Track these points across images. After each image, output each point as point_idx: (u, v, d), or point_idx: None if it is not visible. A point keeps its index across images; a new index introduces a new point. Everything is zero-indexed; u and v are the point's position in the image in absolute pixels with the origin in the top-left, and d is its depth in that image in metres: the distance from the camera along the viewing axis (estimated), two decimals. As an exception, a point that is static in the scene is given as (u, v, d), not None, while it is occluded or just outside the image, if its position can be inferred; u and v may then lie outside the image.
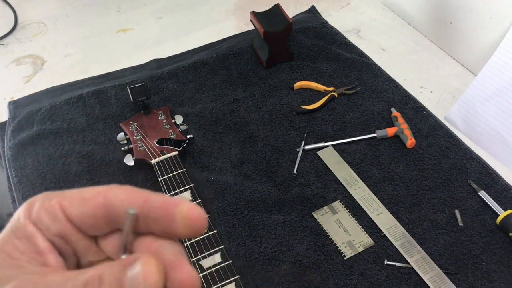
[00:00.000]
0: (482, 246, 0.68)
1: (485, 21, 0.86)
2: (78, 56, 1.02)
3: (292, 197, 0.74)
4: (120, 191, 0.25)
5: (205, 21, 1.10)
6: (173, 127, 0.79)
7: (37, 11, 1.14)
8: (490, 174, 0.75)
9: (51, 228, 0.25)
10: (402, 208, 0.72)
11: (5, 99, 0.93)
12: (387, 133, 0.80)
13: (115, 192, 0.25)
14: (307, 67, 0.94)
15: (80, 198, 0.25)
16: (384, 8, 1.11)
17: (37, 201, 0.25)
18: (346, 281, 0.64)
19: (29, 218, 0.25)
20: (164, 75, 0.93)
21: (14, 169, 0.79)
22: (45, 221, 0.25)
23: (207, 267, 0.61)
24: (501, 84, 0.80)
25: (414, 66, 0.97)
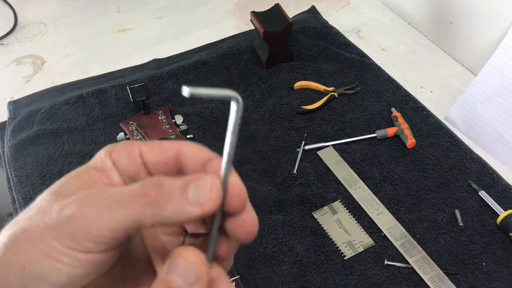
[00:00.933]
0: (482, 246, 0.67)
1: (485, 21, 0.86)
2: (78, 56, 1.02)
3: (292, 197, 0.74)
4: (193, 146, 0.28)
5: (205, 21, 1.10)
6: (173, 127, 0.79)
7: (37, 11, 1.14)
8: (490, 174, 0.75)
9: (127, 169, 0.28)
10: (402, 208, 0.72)
11: (5, 99, 0.92)
12: (387, 133, 0.80)
13: (188, 146, 0.28)
14: (307, 67, 0.94)
15: (159, 147, 0.28)
16: (384, 8, 1.11)
17: (120, 145, 0.28)
18: (346, 281, 0.64)
19: (110, 156, 0.28)
20: (164, 75, 0.93)
21: (14, 169, 0.79)
22: (124, 162, 0.28)
23: (207, 267, 0.61)
24: (501, 84, 0.80)
25: (414, 66, 0.97)
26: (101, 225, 0.24)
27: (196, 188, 0.25)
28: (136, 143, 0.28)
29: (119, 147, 0.28)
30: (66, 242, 0.24)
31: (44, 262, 0.24)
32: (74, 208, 0.24)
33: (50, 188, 0.26)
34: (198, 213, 0.24)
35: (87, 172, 0.27)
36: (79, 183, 0.26)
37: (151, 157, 0.28)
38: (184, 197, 0.24)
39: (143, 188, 0.25)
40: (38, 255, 0.24)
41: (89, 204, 0.24)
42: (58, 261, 0.24)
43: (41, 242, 0.24)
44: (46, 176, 0.77)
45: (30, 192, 0.75)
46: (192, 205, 0.24)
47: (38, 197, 0.26)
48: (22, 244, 0.24)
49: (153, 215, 0.24)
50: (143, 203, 0.24)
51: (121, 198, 0.24)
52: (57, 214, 0.24)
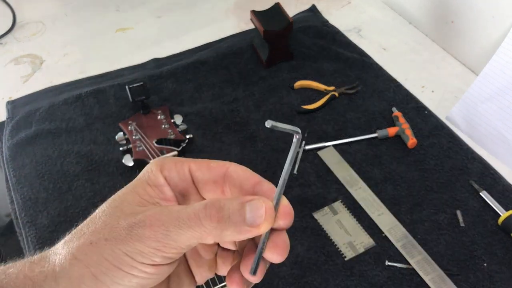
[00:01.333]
0: (483, 246, 0.67)
1: (487, 21, 0.86)
2: (77, 56, 1.02)
3: (293, 197, 0.73)
4: (240, 168, 0.31)
5: (205, 20, 1.09)
6: (173, 127, 0.79)
7: (36, 10, 1.13)
8: (491, 174, 0.75)
9: (178, 185, 0.30)
10: (403, 208, 0.72)
11: (3, 99, 0.92)
12: (388, 133, 0.80)
13: (236, 167, 0.30)
14: (307, 66, 0.93)
15: (207, 166, 0.30)
16: (385, 7, 1.10)
17: (169, 161, 0.31)
18: (347, 282, 0.64)
19: (161, 172, 0.30)
20: (163, 74, 0.92)
21: (12, 169, 0.78)
22: (174, 178, 0.30)
23: (207, 268, 0.60)
24: (503, 84, 0.80)
25: (415, 66, 0.96)
26: (170, 244, 0.27)
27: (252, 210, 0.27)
28: (185, 160, 0.31)
29: (169, 163, 0.31)
30: (137, 257, 0.27)
31: (116, 273, 0.27)
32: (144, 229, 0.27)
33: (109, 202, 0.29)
34: (254, 234, 0.28)
35: (142, 188, 0.30)
36: (138, 199, 0.29)
37: (200, 175, 0.31)
38: (242, 219, 0.27)
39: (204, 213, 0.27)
40: (109, 266, 0.26)
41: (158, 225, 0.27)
42: (129, 273, 0.27)
43: (112, 255, 0.26)
44: (44, 176, 0.76)
45: (28, 192, 0.75)
46: (249, 226, 0.27)
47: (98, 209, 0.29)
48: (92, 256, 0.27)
49: (215, 235, 0.27)
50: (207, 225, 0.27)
51: (187, 220, 0.27)
52: (126, 232, 0.27)
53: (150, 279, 0.28)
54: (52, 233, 0.70)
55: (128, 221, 0.27)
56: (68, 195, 0.74)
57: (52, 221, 0.71)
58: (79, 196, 0.74)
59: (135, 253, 0.26)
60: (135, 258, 0.27)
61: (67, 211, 0.72)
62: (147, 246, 0.26)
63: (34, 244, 0.69)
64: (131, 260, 0.27)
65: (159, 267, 0.28)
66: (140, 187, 0.30)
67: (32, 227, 0.71)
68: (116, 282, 0.27)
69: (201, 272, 0.33)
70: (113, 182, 0.75)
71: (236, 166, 0.31)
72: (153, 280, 0.28)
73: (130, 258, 0.26)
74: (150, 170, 0.30)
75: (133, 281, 0.27)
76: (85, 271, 0.27)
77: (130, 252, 0.26)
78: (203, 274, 0.33)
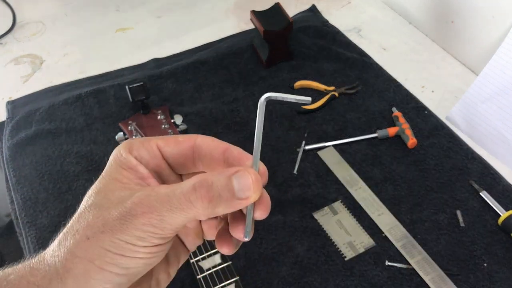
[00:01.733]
0: (483, 246, 0.67)
1: (487, 20, 0.86)
2: (77, 56, 1.02)
3: (293, 197, 0.73)
4: (207, 138, 0.31)
5: (205, 20, 1.09)
6: (173, 127, 0.79)
7: (36, 10, 1.13)
8: (491, 174, 0.75)
9: (149, 163, 0.31)
10: (403, 208, 0.72)
11: (3, 99, 0.92)
12: (388, 133, 0.80)
13: (203, 138, 0.31)
14: (307, 66, 0.93)
15: (174, 140, 0.31)
16: (385, 7, 1.10)
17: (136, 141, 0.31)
18: (347, 282, 0.64)
19: (131, 153, 0.30)
20: (163, 74, 0.92)
21: (12, 169, 0.78)
22: (145, 157, 0.31)
23: (207, 268, 0.61)
24: (503, 84, 0.79)
25: (415, 66, 0.96)
26: (165, 226, 0.27)
27: (239, 183, 0.28)
28: (151, 139, 0.31)
29: (136, 143, 0.31)
30: (137, 242, 0.27)
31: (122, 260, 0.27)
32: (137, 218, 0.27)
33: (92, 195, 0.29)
34: (245, 205, 0.28)
35: (118, 173, 0.30)
36: (119, 185, 0.29)
37: (169, 150, 0.31)
38: (232, 194, 0.28)
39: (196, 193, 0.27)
40: (114, 256, 0.27)
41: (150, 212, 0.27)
42: (135, 256, 0.28)
43: (113, 245, 0.27)
44: (44, 176, 0.76)
45: (28, 192, 0.75)
46: (239, 199, 0.28)
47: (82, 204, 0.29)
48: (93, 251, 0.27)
49: (208, 213, 0.28)
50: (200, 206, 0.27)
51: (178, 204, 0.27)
52: (120, 222, 0.27)
53: (155, 257, 0.29)
54: (52, 233, 0.70)
55: (119, 210, 0.27)
56: (68, 195, 0.74)
57: (52, 221, 0.71)
58: (79, 196, 0.74)
59: (134, 239, 0.27)
60: (136, 243, 0.27)
61: (67, 211, 0.72)
62: (143, 231, 0.27)
63: (34, 244, 0.69)
64: (133, 246, 0.27)
65: (161, 246, 0.29)
66: (116, 173, 0.30)
67: (32, 227, 0.71)
68: (124, 267, 0.28)
69: (189, 240, 0.34)
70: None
71: (203, 137, 0.31)
72: (158, 258, 0.29)
73: (131, 244, 0.27)
74: (119, 154, 0.31)
75: (140, 263, 0.28)
76: (90, 266, 0.27)
77: (129, 239, 0.27)
78: (192, 241, 0.34)
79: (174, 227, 0.28)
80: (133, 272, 0.28)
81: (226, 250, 0.32)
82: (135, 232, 0.27)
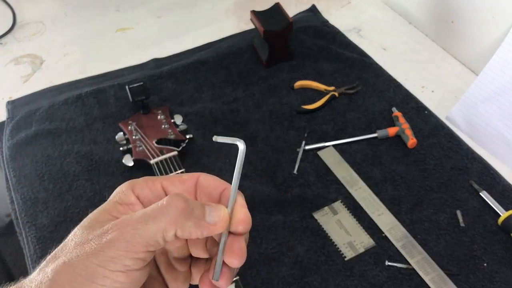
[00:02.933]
0: (483, 246, 0.67)
1: (487, 20, 0.86)
2: (77, 56, 1.02)
3: (292, 197, 0.73)
4: (209, 177, 0.33)
5: (205, 20, 1.09)
6: (173, 127, 0.79)
7: (36, 10, 1.13)
8: (491, 174, 0.75)
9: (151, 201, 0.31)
10: (403, 208, 0.72)
11: (3, 99, 0.92)
12: (388, 133, 0.80)
13: (205, 177, 0.33)
14: (307, 66, 0.93)
15: (179, 180, 0.33)
16: (385, 7, 1.10)
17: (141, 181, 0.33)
18: (347, 282, 0.64)
19: (133, 191, 0.32)
20: (163, 74, 0.92)
21: (12, 169, 0.78)
22: (148, 196, 0.32)
23: (207, 269, 0.60)
24: (503, 84, 0.79)
25: (415, 66, 0.96)
26: (138, 240, 0.28)
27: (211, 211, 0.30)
28: (156, 178, 0.33)
29: (140, 183, 0.32)
30: (108, 265, 0.27)
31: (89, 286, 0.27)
32: (112, 234, 0.28)
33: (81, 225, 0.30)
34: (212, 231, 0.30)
35: (113, 207, 0.31)
36: (107, 217, 0.30)
37: (174, 189, 0.33)
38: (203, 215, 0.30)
39: (170, 200, 0.29)
40: (83, 281, 0.27)
41: (124, 227, 0.28)
42: (103, 285, 0.27)
43: (85, 270, 0.27)
44: (44, 176, 0.76)
45: (28, 192, 0.75)
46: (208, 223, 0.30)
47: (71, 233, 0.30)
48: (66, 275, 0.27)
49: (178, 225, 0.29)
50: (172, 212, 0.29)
51: (152, 213, 0.29)
52: (96, 242, 0.28)
53: None
54: (52, 233, 0.70)
55: (97, 232, 0.28)
56: (68, 195, 0.74)
57: (52, 221, 0.71)
58: (79, 196, 0.74)
59: (106, 261, 0.27)
60: (107, 267, 0.27)
61: (67, 211, 0.72)
62: (116, 249, 0.27)
63: (34, 244, 0.69)
64: (103, 270, 0.27)
65: (131, 273, 0.28)
66: (110, 207, 0.31)
67: (32, 227, 0.71)
68: None
69: (177, 285, 0.35)
70: (113, 182, 0.75)
71: (206, 175, 0.34)
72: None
73: (102, 268, 0.27)
74: (121, 191, 0.32)
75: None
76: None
77: (101, 261, 0.27)
78: (179, 285, 0.35)
79: (145, 242, 0.28)
80: None
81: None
82: (107, 252, 0.27)
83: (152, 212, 0.29)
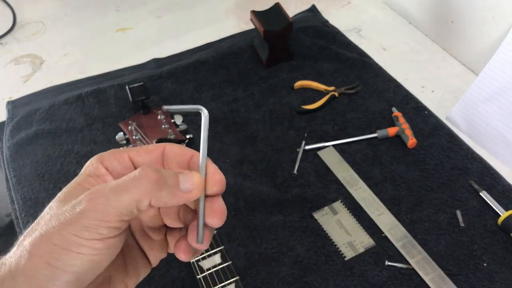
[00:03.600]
0: (483, 246, 0.67)
1: (487, 20, 0.86)
2: (77, 56, 1.02)
3: (292, 197, 0.73)
4: (175, 146, 0.33)
5: (205, 20, 1.09)
6: (173, 127, 0.79)
7: (36, 10, 1.13)
8: (491, 174, 0.75)
9: (120, 173, 0.32)
10: (403, 208, 0.72)
11: (3, 99, 0.92)
12: (388, 133, 0.80)
13: (171, 146, 0.33)
14: (307, 66, 0.94)
15: (145, 150, 0.33)
16: (385, 7, 1.10)
17: (108, 153, 0.33)
18: (347, 282, 0.64)
19: (102, 163, 0.32)
20: (163, 74, 0.92)
21: (12, 169, 0.78)
22: (116, 168, 0.32)
23: (207, 268, 0.61)
24: (503, 84, 0.80)
25: (415, 66, 0.96)
26: (111, 211, 0.28)
27: (184, 179, 0.30)
28: (123, 150, 0.33)
29: (108, 155, 0.33)
30: (83, 234, 0.28)
31: (67, 255, 0.27)
32: (85, 203, 0.28)
33: (55, 199, 0.30)
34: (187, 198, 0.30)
35: (85, 180, 0.31)
36: (80, 189, 0.31)
37: (140, 160, 0.33)
38: (177, 184, 0.30)
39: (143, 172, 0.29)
40: (60, 251, 0.27)
41: (97, 197, 0.28)
42: (80, 252, 0.28)
43: (61, 239, 0.27)
44: (44, 176, 0.76)
45: (29, 192, 0.75)
46: (183, 191, 0.30)
47: (46, 207, 0.30)
48: (43, 246, 0.28)
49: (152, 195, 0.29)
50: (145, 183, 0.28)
51: (124, 184, 0.28)
52: (70, 212, 0.28)
53: (101, 255, 0.29)
54: (52, 233, 0.70)
55: (71, 204, 0.29)
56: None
57: (52, 221, 0.71)
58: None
59: (81, 230, 0.27)
60: (82, 236, 0.27)
61: (67, 211, 0.72)
62: (90, 219, 0.28)
63: (34, 244, 0.69)
64: (79, 239, 0.27)
65: (107, 241, 0.29)
66: (82, 180, 0.31)
67: (32, 227, 0.71)
68: (69, 264, 0.28)
69: (154, 253, 0.35)
70: (113, 182, 0.75)
71: (172, 145, 0.33)
72: (105, 256, 0.29)
73: (77, 237, 0.27)
74: (90, 164, 0.32)
75: (85, 260, 0.28)
76: (39, 262, 0.27)
77: (76, 230, 0.27)
78: (156, 254, 0.35)
79: (119, 211, 0.28)
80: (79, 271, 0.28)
81: (183, 257, 0.33)
82: (82, 222, 0.27)
83: (124, 183, 0.29)
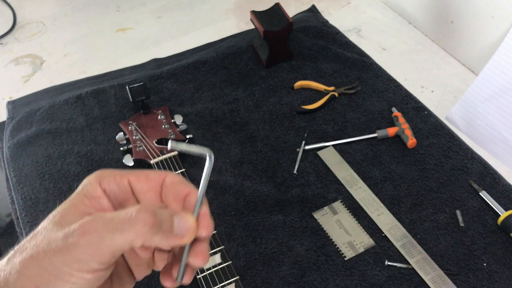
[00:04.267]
0: (483, 246, 0.67)
1: (486, 21, 0.86)
2: (77, 56, 1.02)
3: (292, 197, 0.73)
4: (175, 178, 0.33)
5: (205, 20, 1.10)
6: (173, 127, 0.79)
7: (36, 10, 1.13)
8: (491, 174, 0.75)
9: (118, 196, 0.32)
10: (403, 208, 0.72)
11: (3, 99, 0.92)
12: (388, 133, 0.80)
13: (172, 178, 0.33)
14: (307, 66, 0.94)
15: (146, 177, 0.33)
16: (385, 8, 1.11)
17: (108, 174, 0.33)
18: (347, 282, 0.64)
19: (100, 184, 0.32)
20: (163, 74, 0.93)
21: (13, 169, 0.78)
22: (114, 190, 0.32)
23: (207, 268, 0.61)
24: (502, 84, 0.80)
25: (415, 66, 0.96)
26: (104, 249, 0.28)
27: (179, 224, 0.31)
28: (124, 173, 0.33)
29: (108, 176, 0.33)
30: (74, 265, 0.28)
31: (56, 282, 0.28)
32: (78, 237, 0.28)
33: (49, 218, 0.31)
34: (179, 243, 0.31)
35: (80, 201, 0.31)
36: (75, 212, 0.31)
37: (139, 186, 0.33)
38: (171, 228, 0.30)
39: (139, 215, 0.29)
40: (49, 277, 0.28)
41: (91, 233, 0.28)
42: (68, 281, 0.28)
43: (51, 266, 0.28)
44: (45, 176, 0.76)
45: (29, 192, 0.75)
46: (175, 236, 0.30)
47: (40, 225, 0.30)
48: (33, 269, 0.28)
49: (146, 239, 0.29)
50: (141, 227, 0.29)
51: (120, 224, 0.29)
52: (62, 242, 0.28)
53: (89, 284, 0.29)
54: (52, 233, 0.70)
55: (64, 231, 0.29)
56: (68, 195, 0.73)
57: (53, 221, 0.71)
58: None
59: (72, 261, 0.28)
60: (72, 267, 0.28)
61: (67, 211, 0.72)
62: (82, 253, 0.28)
63: (34, 244, 0.69)
64: (69, 269, 0.28)
65: (96, 272, 0.29)
66: (78, 201, 0.31)
67: (32, 227, 0.71)
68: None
69: (140, 270, 0.35)
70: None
71: (173, 176, 0.33)
72: (93, 284, 0.30)
73: (67, 267, 0.28)
74: (88, 183, 0.32)
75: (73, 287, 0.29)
76: (28, 283, 0.28)
77: (67, 261, 0.28)
78: (142, 271, 0.35)
79: (112, 250, 0.28)
80: None
81: (167, 284, 0.34)
82: (73, 254, 0.28)
83: (119, 223, 0.29)
